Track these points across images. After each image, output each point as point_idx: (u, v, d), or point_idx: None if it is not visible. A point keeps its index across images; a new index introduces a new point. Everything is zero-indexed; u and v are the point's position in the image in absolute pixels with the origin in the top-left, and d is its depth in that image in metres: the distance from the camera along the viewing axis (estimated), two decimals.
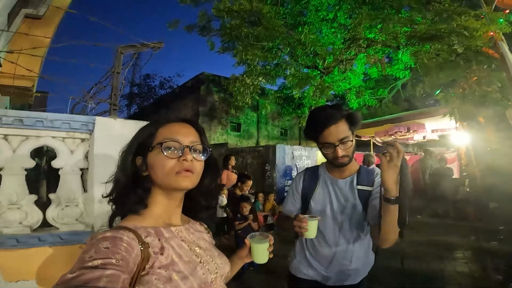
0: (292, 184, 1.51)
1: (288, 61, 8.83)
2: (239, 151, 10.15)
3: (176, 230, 0.81)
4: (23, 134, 1.74)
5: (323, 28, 8.42)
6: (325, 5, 7.89)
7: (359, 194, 1.33)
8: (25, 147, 1.75)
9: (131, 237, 0.68)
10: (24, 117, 1.70)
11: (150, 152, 0.80)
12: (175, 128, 0.82)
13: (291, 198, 1.50)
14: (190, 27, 8.95)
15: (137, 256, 0.66)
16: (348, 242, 1.35)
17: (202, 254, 0.81)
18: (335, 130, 1.24)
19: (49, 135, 1.82)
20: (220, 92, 13.34)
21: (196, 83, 14.30)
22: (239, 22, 7.19)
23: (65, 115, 1.85)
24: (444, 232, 5.89)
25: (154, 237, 0.73)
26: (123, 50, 2.35)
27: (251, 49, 7.37)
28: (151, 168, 0.79)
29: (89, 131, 1.90)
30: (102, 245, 0.62)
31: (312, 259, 1.41)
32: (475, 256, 4.40)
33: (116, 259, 0.60)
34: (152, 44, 2.56)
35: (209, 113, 13.97)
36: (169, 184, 0.78)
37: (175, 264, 0.70)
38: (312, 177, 1.44)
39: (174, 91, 18.18)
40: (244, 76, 7.87)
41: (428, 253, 4.58)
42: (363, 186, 1.34)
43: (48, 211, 1.78)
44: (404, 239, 4.34)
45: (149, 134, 0.81)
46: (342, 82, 10.24)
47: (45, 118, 1.77)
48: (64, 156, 1.85)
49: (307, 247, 1.44)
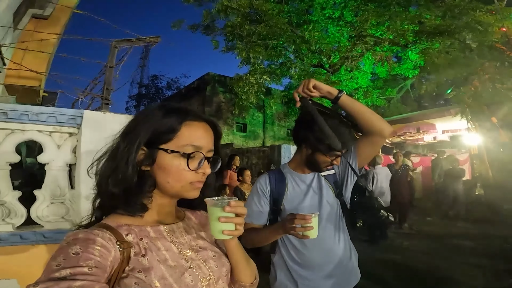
0: (256, 191, 1.34)
1: (293, 59, 8.70)
2: (244, 151, 10.06)
3: (166, 230, 0.71)
4: (8, 127, 1.68)
5: (329, 26, 8.28)
6: (330, 3, 7.75)
7: (328, 180, 1.34)
8: (10, 141, 1.70)
9: (107, 237, 0.60)
10: (8, 110, 1.65)
11: (163, 150, 0.68)
12: (200, 132, 0.72)
13: (257, 206, 1.31)
14: (194, 27, 8.93)
15: (115, 258, 0.59)
16: (333, 236, 1.28)
17: (194, 257, 0.71)
18: None
19: (35, 129, 1.76)
20: (226, 93, 13.31)
21: (202, 84, 14.36)
22: (240, 20, 7.12)
23: (51, 108, 1.79)
24: (455, 234, 5.70)
25: (137, 236, 0.65)
26: (118, 45, 2.28)
27: (254, 47, 7.27)
28: (159, 168, 0.68)
29: (77, 125, 1.83)
30: (72, 250, 0.55)
31: (300, 269, 1.26)
32: (487, 259, 4.22)
33: (89, 267, 0.53)
34: (148, 39, 2.48)
35: (215, 113, 13.97)
36: (178, 192, 0.71)
37: (157, 269, 0.62)
38: (279, 179, 1.34)
39: (180, 91, 18.33)
40: (248, 75, 7.77)
41: (438, 256, 4.45)
42: (326, 172, 1.35)
43: (32, 208, 1.71)
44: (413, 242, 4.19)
45: (171, 128, 0.68)
46: (349, 81, 10.07)
47: (31, 111, 1.71)
48: (50, 151, 1.79)
49: (291, 258, 1.28)
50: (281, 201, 1.30)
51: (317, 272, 1.26)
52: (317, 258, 1.25)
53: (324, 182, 1.33)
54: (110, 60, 2.19)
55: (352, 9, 7.43)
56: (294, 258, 1.27)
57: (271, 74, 8.26)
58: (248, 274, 0.82)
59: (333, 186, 1.33)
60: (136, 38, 2.50)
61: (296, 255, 1.27)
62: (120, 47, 2.39)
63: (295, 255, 1.28)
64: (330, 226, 1.28)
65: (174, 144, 0.68)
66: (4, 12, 4.19)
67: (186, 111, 0.72)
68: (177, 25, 8.77)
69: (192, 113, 0.72)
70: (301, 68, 8.34)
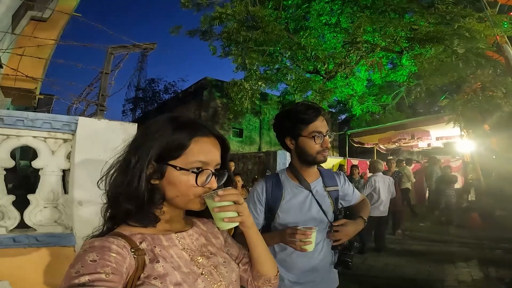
0: (252, 197, 1.34)
1: (290, 65, 8.79)
2: (240, 156, 10.10)
3: (178, 237, 0.74)
4: (3, 133, 1.71)
5: (325, 33, 8.39)
6: (327, 10, 7.87)
7: (331, 195, 1.36)
8: (5, 147, 1.72)
9: (121, 245, 0.62)
10: (4, 115, 1.68)
11: (172, 166, 0.69)
12: (208, 147, 0.73)
13: (252, 214, 1.27)
14: (192, 32, 9.00)
15: (130, 265, 0.61)
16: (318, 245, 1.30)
17: (205, 264, 0.74)
18: (324, 121, 1.28)
19: (30, 134, 1.79)
20: (223, 97, 13.38)
21: (199, 88, 14.40)
22: (236, 26, 7.19)
23: (46, 114, 1.82)
24: (447, 239, 5.75)
25: (151, 244, 0.68)
26: (114, 51, 2.34)
27: (249, 53, 7.34)
28: (168, 183, 0.70)
29: (72, 132, 1.87)
30: (89, 258, 0.57)
31: (285, 271, 1.29)
32: (479, 265, 4.27)
33: (106, 273, 0.55)
34: (145, 45, 2.54)
35: (211, 118, 14.01)
36: (185, 205, 0.74)
37: (172, 275, 0.64)
38: (276, 186, 1.32)
39: (177, 96, 18.33)
40: (243, 81, 7.83)
41: (429, 261, 4.48)
42: (332, 187, 1.37)
43: (26, 212, 1.74)
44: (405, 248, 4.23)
45: (181, 144, 0.70)
46: (345, 87, 10.18)
47: (26, 117, 1.74)
48: (45, 157, 1.82)
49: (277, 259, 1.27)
50: (276, 210, 1.30)
51: (299, 276, 1.29)
52: (300, 263, 1.29)
53: (327, 196, 1.34)
54: (106, 66, 2.24)
55: (348, 16, 7.55)
56: (282, 259, 1.29)
57: (266, 80, 8.33)
58: (271, 266, 0.85)
59: (334, 201, 1.36)
60: (132, 44, 2.56)
61: (283, 256, 1.29)
62: (116, 53, 2.44)
63: (283, 256, 1.30)
64: (318, 236, 1.29)
65: (183, 161, 0.69)
66: (3, 15, 4.15)
67: (196, 126, 0.73)
68: (174, 31, 8.83)
69: (201, 129, 0.74)
70: (297, 74, 8.41)
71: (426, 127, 9.83)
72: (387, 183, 5.03)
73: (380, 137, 11.42)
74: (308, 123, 1.25)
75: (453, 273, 4.00)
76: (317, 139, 1.24)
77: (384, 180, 5.02)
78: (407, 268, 4.28)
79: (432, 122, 9.30)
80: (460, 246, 5.24)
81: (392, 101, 12.92)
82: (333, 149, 20.68)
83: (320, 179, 1.37)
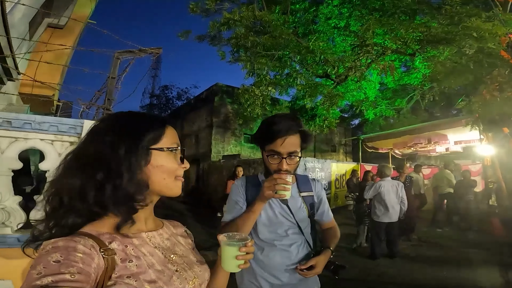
0: (233, 194, 1.37)
1: (299, 70, 8.75)
2: (251, 162, 10.09)
3: (148, 236, 0.73)
4: (11, 136, 1.78)
5: (335, 36, 8.34)
6: (335, 13, 7.82)
7: (305, 200, 1.37)
8: (13, 148, 1.79)
9: (89, 244, 0.59)
10: (12, 119, 1.75)
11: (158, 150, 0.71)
12: (175, 132, 0.79)
13: (234, 206, 1.34)
14: (201, 37, 9.15)
15: (99, 266, 0.58)
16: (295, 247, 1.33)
17: (178, 261, 0.74)
18: (287, 142, 1.20)
19: (37, 137, 1.85)
20: (234, 103, 13.47)
21: (210, 94, 14.55)
22: (244, 31, 7.25)
23: (53, 117, 1.88)
24: (465, 246, 5.50)
25: (121, 243, 0.66)
26: (120, 56, 2.40)
27: (258, 58, 7.36)
28: (154, 168, 0.70)
29: (78, 134, 1.92)
30: (52, 258, 0.54)
31: (263, 271, 1.31)
32: (500, 270, 4.05)
33: (71, 273, 0.52)
34: (150, 50, 2.59)
35: (222, 124, 14.10)
36: (169, 189, 0.74)
37: (146, 273, 0.63)
38: (255, 185, 1.35)
39: (189, 102, 18.60)
40: (253, 86, 7.85)
41: (446, 269, 4.30)
42: (306, 193, 1.39)
43: (32, 213, 1.78)
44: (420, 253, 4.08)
45: (160, 130, 0.74)
46: (356, 92, 10.04)
47: (33, 120, 1.81)
48: (52, 159, 1.88)
49: (256, 259, 1.32)
50: None
51: (276, 277, 1.30)
52: (276, 263, 1.30)
53: (301, 201, 1.36)
54: (113, 71, 2.30)
55: (357, 19, 7.47)
56: (259, 259, 1.31)
57: (276, 85, 8.32)
58: None
59: (308, 206, 1.38)
60: (138, 49, 2.62)
61: (261, 257, 1.31)
62: (122, 58, 2.51)
63: (260, 256, 1.31)
64: (294, 237, 1.33)
65: (164, 144, 0.73)
66: (20, 21, 4.24)
67: (162, 117, 0.79)
68: (183, 35, 8.99)
69: (167, 118, 0.79)
70: (306, 78, 8.37)
71: (443, 131, 9.50)
72: (395, 188, 4.89)
73: (395, 141, 11.12)
74: (267, 140, 1.24)
75: (471, 279, 3.82)
76: (273, 159, 1.22)
77: (392, 185, 4.90)
78: (421, 275, 4.14)
79: (449, 125, 8.99)
80: (479, 252, 5.01)
81: (407, 105, 12.62)
82: (346, 154, 20.38)
83: (295, 185, 1.39)
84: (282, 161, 1.20)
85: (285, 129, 1.19)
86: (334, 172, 10.00)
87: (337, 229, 1.49)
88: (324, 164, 9.54)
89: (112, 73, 2.32)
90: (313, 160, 9.27)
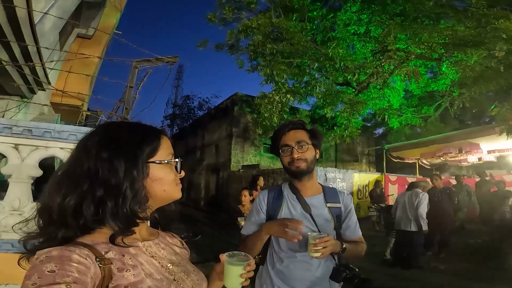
0: (255, 205, 1.44)
1: (319, 78, 8.63)
2: (270, 172, 9.99)
3: (144, 246, 0.73)
4: (32, 144, 1.84)
5: (354, 43, 8.17)
6: (354, 19, 7.68)
7: (331, 212, 1.35)
8: (33, 157, 1.85)
9: (84, 254, 0.58)
10: (33, 127, 1.81)
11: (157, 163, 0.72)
12: (169, 143, 0.79)
13: (255, 217, 1.41)
14: (219, 46, 9.31)
15: (96, 275, 0.57)
16: (317, 261, 1.30)
17: (176, 270, 0.73)
18: (292, 134, 1.33)
19: (57, 145, 1.90)
20: (253, 113, 13.52)
21: (230, 104, 14.71)
22: (262, 39, 7.28)
23: (72, 126, 1.93)
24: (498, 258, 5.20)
25: (117, 253, 0.64)
26: (138, 65, 2.45)
27: (276, 65, 7.34)
28: (153, 181, 0.71)
29: None
30: (47, 268, 0.53)
31: (282, 283, 1.30)
32: None
33: (66, 283, 0.51)
34: (167, 59, 2.64)
35: (242, 134, 14.14)
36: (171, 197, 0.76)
37: (144, 283, 0.62)
38: (277, 197, 1.40)
39: (210, 112, 18.90)
40: (273, 93, 7.80)
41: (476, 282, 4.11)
42: (333, 204, 1.37)
43: None
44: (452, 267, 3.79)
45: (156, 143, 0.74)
46: (379, 99, 9.72)
47: (53, 129, 1.86)
48: None
49: (275, 270, 1.34)
50: (275, 219, 1.34)
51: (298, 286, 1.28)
52: (297, 275, 1.29)
53: (327, 211, 1.35)
54: (131, 80, 2.35)
55: (377, 24, 7.29)
56: (278, 270, 1.32)
57: (294, 94, 8.23)
58: None
59: (335, 218, 1.36)
60: (155, 58, 2.68)
61: (280, 268, 1.32)
62: (140, 67, 2.56)
63: (280, 267, 1.32)
64: None
65: (160, 156, 0.73)
66: (50, 31, 4.31)
67: (156, 128, 0.79)
68: (202, 45, 9.19)
69: (161, 129, 0.80)
70: (326, 86, 8.22)
71: (474, 140, 8.94)
72: (411, 199, 4.87)
73: (423, 151, 10.59)
74: (278, 140, 1.36)
75: None
76: (285, 152, 1.33)
77: (406, 195, 5.00)
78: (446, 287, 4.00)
79: (482, 134, 8.46)
80: None
81: (435, 113, 12.00)
82: (369, 164, 19.67)
83: (321, 195, 1.40)
84: (292, 150, 1.30)
85: (287, 126, 1.36)
86: (356, 182, 9.66)
87: (364, 246, 1.42)
88: (345, 174, 9.25)
89: (130, 82, 2.37)
90: (334, 171, 9.03)
